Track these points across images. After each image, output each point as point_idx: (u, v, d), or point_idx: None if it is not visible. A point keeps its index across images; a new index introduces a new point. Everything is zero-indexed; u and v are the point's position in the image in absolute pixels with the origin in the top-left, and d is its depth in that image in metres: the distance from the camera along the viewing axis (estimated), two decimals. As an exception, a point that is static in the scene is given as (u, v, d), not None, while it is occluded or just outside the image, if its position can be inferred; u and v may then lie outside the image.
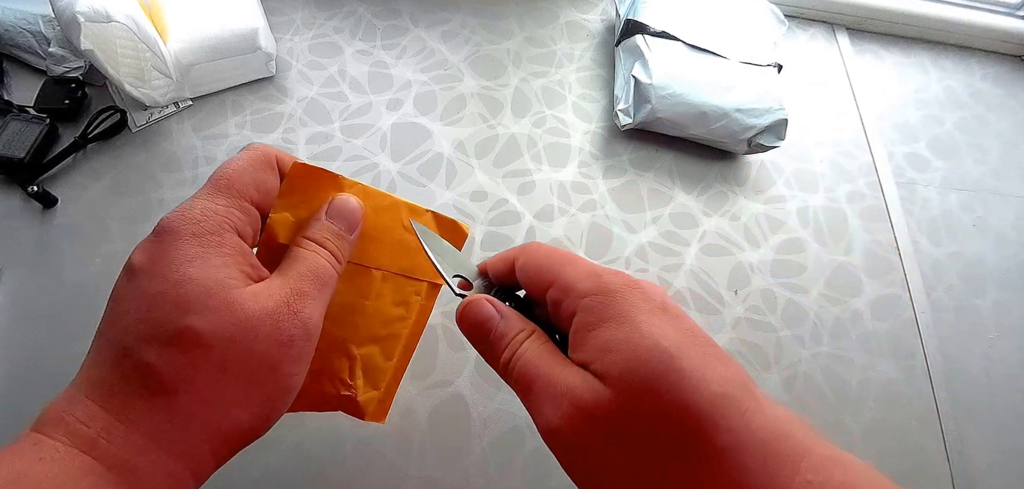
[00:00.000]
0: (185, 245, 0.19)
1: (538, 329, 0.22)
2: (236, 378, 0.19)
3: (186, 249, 0.19)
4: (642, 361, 0.17)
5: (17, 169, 0.42)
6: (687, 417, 0.17)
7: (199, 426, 0.18)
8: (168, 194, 0.44)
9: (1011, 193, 0.55)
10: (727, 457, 0.16)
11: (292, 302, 0.20)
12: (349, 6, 0.57)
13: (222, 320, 0.19)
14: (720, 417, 0.16)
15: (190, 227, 0.20)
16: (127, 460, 0.17)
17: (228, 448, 0.20)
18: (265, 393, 0.20)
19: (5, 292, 0.39)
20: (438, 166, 0.48)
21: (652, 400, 0.17)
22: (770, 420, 0.17)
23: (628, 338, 0.18)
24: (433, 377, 0.39)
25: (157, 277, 0.19)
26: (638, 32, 0.52)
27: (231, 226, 0.21)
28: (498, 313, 0.22)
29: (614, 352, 0.18)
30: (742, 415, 0.17)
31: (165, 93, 0.47)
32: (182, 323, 0.18)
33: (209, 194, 0.21)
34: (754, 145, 0.49)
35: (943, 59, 0.64)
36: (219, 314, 0.19)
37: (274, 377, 0.20)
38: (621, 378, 0.18)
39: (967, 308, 0.47)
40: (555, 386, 0.19)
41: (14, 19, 0.46)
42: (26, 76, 0.48)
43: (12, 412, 0.35)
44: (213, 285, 0.19)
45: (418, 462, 0.36)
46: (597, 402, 0.18)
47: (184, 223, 0.20)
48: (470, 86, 0.53)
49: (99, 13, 0.38)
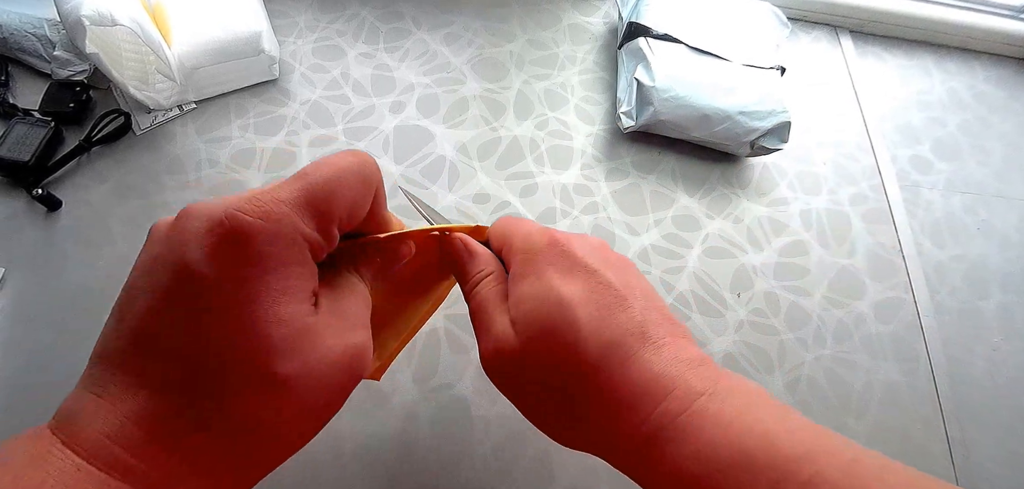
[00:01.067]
0: (272, 276, 0.17)
1: (500, 271, 0.24)
2: (304, 420, 0.18)
3: (274, 282, 0.17)
4: (544, 313, 0.20)
5: (22, 172, 0.42)
6: (577, 362, 0.19)
7: (253, 465, 0.18)
8: (172, 197, 0.44)
9: (1015, 196, 0.55)
10: (604, 397, 0.19)
11: (362, 359, 0.20)
12: (352, 9, 0.57)
13: (309, 367, 0.17)
14: (604, 363, 0.19)
15: (278, 252, 0.17)
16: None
17: (260, 476, 0.19)
18: (312, 432, 0.19)
19: (9, 294, 0.39)
20: (441, 168, 0.48)
21: (548, 345, 0.20)
22: (650, 364, 0.19)
23: (536, 292, 0.21)
24: (435, 380, 0.39)
25: (242, 305, 0.16)
26: (640, 35, 0.52)
27: (315, 257, 0.18)
28: (469, 250, 0.25)
29: (524, 303, 0.21)
30: (624, 361, 0.19)
31: (169, 96, 0.47)
32: (270, 368, 0.16)
33: (299, 206, 0.17)
34: (757, 148, 0.49)
35: (946, 61, 0.64)
36: (306, 360, 0.17)
37: (325, 417, 0.19)
38: (527, 327, 0.20)
39: (971, 311, 0.47)
40: (490, 326, 0.22)
41: (19, 23, 0.46)
42: (31, 79, 0.48)
43: (16, 413, 0.35)
44: (301, 329, 0.17)
45: (420, 465, 0.36)
46: (510, 347, 0.21)
47: (271, 244, 0.17)
48: (473, 89, 0.53)
49: (104, 16, 0.38)
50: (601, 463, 0.37)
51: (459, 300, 0.42)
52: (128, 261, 0.19)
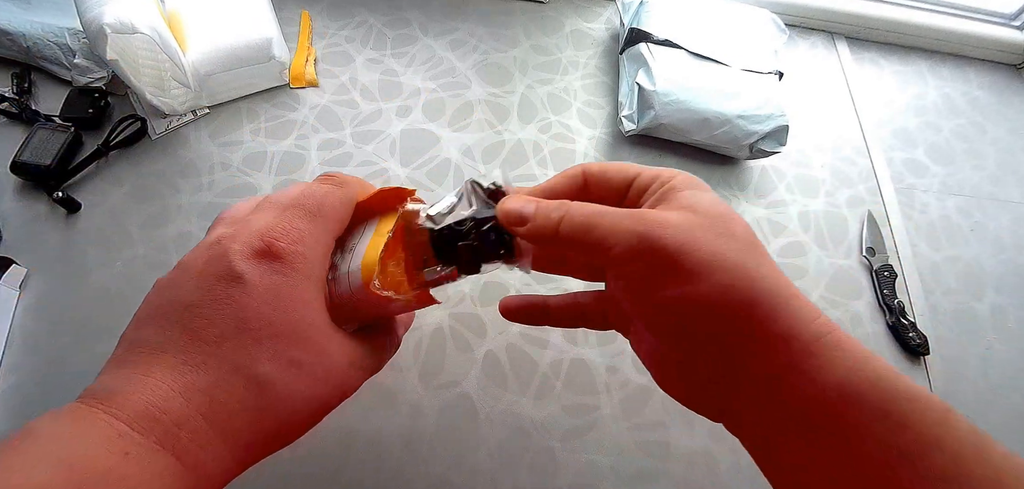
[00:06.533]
0: (302, 286, 0.20)
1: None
2: (307, 411, 0.21)
3: (303, 290, 0.20)
4: (720, 214, 0.20)
5: (43, 176, 0.43)
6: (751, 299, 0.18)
7: (264, 441, 0.20)
8: (186, 199, 0.46)
9: (1008, 198, 0.56)
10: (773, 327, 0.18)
11: (359, 376, 0.23)
12: (360, 16, 0.58)
13: (320, 362, 0.21)
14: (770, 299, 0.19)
15: (304, 267, 0.21)
16: (205, 467, 0.18)
17: (261, 458, 0.21)
18: (307, 427, 0.22)
19: (31, 294, 0.40)
20: (446, 171, 0.49)
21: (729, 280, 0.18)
22: (801, 301, 0.19)
23: (710, 206, 0.20)
24: (441, 377, 0.40)
25: (280, 309, 0.19)
26: (642, 40, 0.53)
27: (329, 267, 0.22)
28: (529, 200, 0.23)
29: (698, 204, 0.20)
30: (789, 297, 0.19)
31: (183, 102, 0.48)
32: (295, 353, 0.20)
33: (314, 230, 0.21)
34: (756, 151, 0.50)
35: (941, 67, 0.65)
36: (319, 357, 0.21)
37: (317, 418, 0.22)
38: (709, 210, 0.20)
39: (965, 311, 0.48)
40: (621, 220, 0.20)
41: (41, 32, 0.48)
42: (52, 86, 0.49)
43: (39, 410, 0.36)
44: (317, 332, 0.21)
45: (426, 460, 0.37)
46: (678, 222, 0.19)
47: (301, 261, 0.20)
48: (477, 93, 0.55)
49: (125, 25, 0.40)
50: (602, 459, 0.38)
51: (461, 302, 0.44)
52: (145, 261, 0.21)
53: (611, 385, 0.41)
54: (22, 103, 0.47)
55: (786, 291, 0.19)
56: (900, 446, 0.16)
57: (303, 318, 0.20)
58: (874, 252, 0.49)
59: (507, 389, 0.40)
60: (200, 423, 0.18)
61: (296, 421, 0.21)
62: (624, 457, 0.38)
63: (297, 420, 0.21)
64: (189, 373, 0.18)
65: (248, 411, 0.19)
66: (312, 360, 0.20)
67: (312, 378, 0.20)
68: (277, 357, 0.19)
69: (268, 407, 0.19)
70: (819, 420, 0.18)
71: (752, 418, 0.20)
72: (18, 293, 0.40)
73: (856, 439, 0.17)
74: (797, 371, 0.18)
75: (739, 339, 0.19)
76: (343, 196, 0.23)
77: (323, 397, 0.21)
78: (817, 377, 0.18)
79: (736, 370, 0.19)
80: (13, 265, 0.40)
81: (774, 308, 0.18)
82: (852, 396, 0.17)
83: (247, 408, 0.19)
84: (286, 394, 0.20)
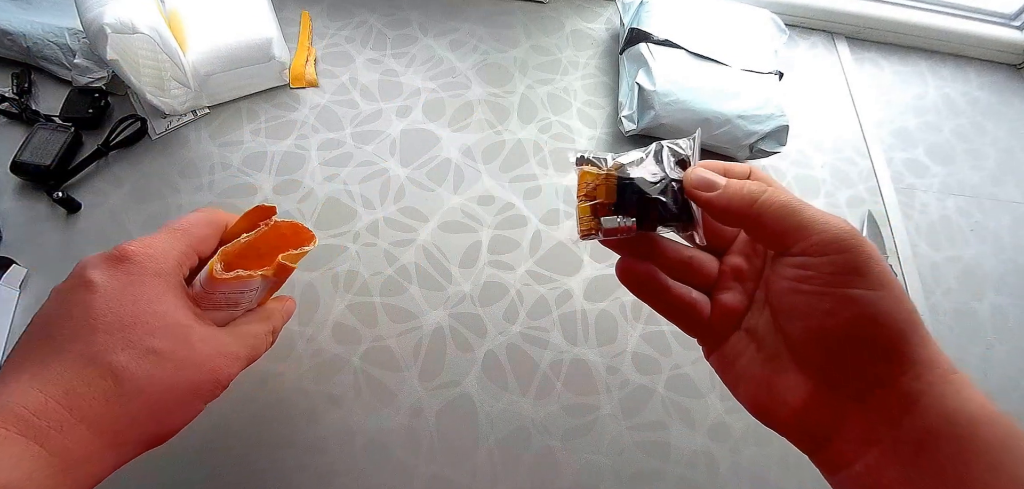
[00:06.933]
0: (150, 281, 0.23)
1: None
2: (175, 398, 0.23)
3: (152, 285, 0.23)
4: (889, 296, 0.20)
5: (44, 176, 0.43)
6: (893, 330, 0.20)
7: (137, 430, 0.22)
8: (186, 200, 0.46)
9: (1008, 198, 0.56)
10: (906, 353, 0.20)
11: (229, 363, 0.26)
12: (360, 16, 0.58)
13: (179, 350, 0.23)
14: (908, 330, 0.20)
15: (153, 265, 0.24)
16: (73, 452, 0.20)
17: (143, 449, 0.23)
18: (182, 415, 0.24)
19: (31, 295, 0.40)
20: (446, 171, 0.50)
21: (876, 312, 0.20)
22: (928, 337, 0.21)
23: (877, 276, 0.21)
24: (441, 377, 0.40)
25: (127, 303, 0.22)
26: (642, 40, 0.53)
27: (185, 271, 0.25)
28: (715, 171, 0.24)
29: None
30: (917, 331, 0.20)
31: (184, 102, 0.48)
32: (151, 342, 0.22)
33: (168, 238, 0.25)
34: (756, 151, 0.50)
35: (940, 67, 0.65)
36: (178, 344, 0.23)
37: (192, 406, 0.24)
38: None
39: (965, 312, 0.48)
40: (823, 213, 0.21)
41: (42, 32, 0.48)
42: (52, 86, 0.49)
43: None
44: (173, 322, 0.23)
45: (427, 460, 0.37)
46: (854, 233, 0.20)
47: (149, 260, 0.24)
48: (477, 93, 0.55)
49: (125, 24, 0.40)
50: (602, 459, 0.38)
51: (461, 302, 0.44)
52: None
53: (611, 385, 0.41)
54: (22, 103, 0.47)
55: (925, 327, 0.21)
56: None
57: (155, 310, 0.23)
58: (874, 252, 0.49)
59: (507, 389, 0.40)
60: (61, 413, 0.20)
61: (164, 407, 0.23)
62: (624, 457, 0.38)
63: (166, 407, 0.23)
64: (46, 371, 0.20)
65: (109, 399, 0.21)
66: (171, 347, 0.23)
67: (174, 364, 0.23)
68: (131, 346, 0.22)
69: (130, 394, 0.21)
70: (950, 437, 0.19)
71: (872, 436, 0.20)
72: (18, 293, 0.40)
73: (992, 456, 0.18)
74: (935, 392, 0.19)
75: (891, 352, 0.20)
76: (205, 216, 0.27)
77: (192, 383, 0.23)
78: (953, 401, 0.19)
79: (879, 380, 0.20)
80: (13, 265, 0.40)
81: (923, 336, 0.20)
82: (988, 419, 0.18)
83: (108, 396, 0.21)
84: (147, 381, 0.22)
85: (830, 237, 0.20)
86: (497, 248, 0.46)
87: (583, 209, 0.23)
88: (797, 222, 0.21)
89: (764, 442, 0.39)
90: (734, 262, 0.26)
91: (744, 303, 0.25)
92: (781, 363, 0.22)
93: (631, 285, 0.25)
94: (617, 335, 0.43)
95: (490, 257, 0.45)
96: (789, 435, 0.22)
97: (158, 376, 0.22)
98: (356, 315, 0.41)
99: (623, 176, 0.23)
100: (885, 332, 0.20)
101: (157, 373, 0.22)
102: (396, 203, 0.47)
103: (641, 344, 0.42)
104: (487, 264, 0.45)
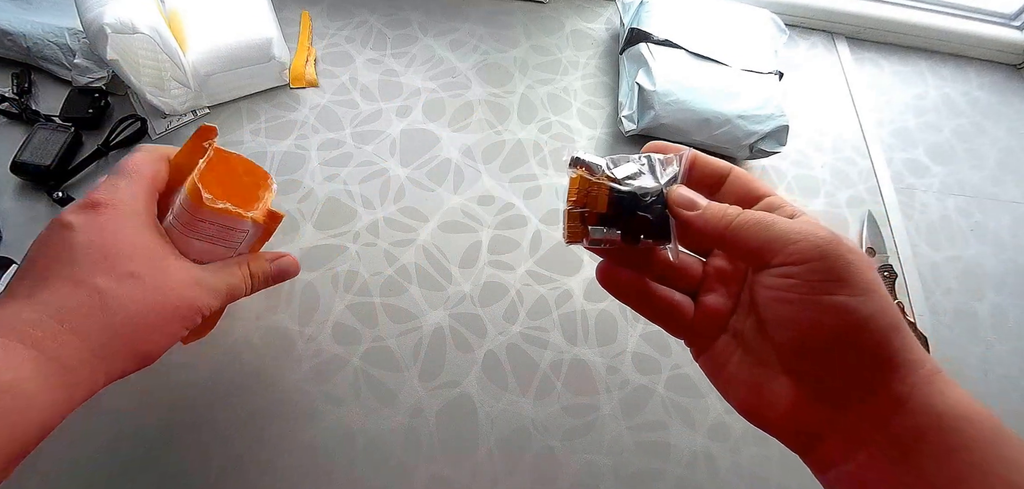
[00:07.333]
0: (124, 219, 0.26)
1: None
2: (156, 318, 0.26)
3: (128, 222, 0.26)
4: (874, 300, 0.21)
5: (44, 176, 0.43)
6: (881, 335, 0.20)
7: (121, 344, 0.24)
8: (186, 199, 0.46)
9: (1008, 198, 0.56)
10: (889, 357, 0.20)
11: (205, 293, 0.28)
12: (360, 16, 0.58)
13: (158, 274, 0.26)
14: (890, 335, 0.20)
15: (124, 206, 0.26)
16: (65, 359, 0.22)
17: (132, 366, 0.26)
18: (161, 336, 0.26)
19: (31, 293, 0.40)
20: (446, 171, 0.50)
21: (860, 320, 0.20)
22: (912, 340, 0.21)
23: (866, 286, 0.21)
24: (441, 378, 0.40)
25: (107, 236, 0.25)
26: (642, 40, 0.53)
27: (152, 204, 0.28)
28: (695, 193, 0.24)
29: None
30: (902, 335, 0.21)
31: (184, 102, 0.48)
32: (129, 267, 0.25)
33: (128, 181, 0.27)
34: (756, 151, 0.50)
35: (941, 67, 0.65)
36: (156, 269, 0.26)
37: (171, 327, 0.26)
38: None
39: (965, 311, 0.48)
40: (798, 224, 0.21)
41: (42, 32, 0.48)
42: (52, 86, 0.49)
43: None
44: (150, 253, 0.26)
45: (426, 460, 0.37)
46: (837, 238, 0.21)
47: (120, 202, 0.26)
48: (477, 93, 0.55)
49: (125, 24, 0.40)
50: (602, 459, 0.38)
51: (461, 302, 0.44)
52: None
53: (611, 385, 0.41)
54: (22, 103, 0.47)
55: (908, 328, 0.21)
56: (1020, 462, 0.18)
57: (132, 241, 0.25)
58: (874, 252, 0.49)
59: (507, 389, 0.40)
60: (53, 325, 0.23)
61: (145, 326, 0.25)
62: (624, 457, 0.38)
63: (146, 324, 0.25)
64: (36, 295, 0.23)
65: (95, 313, 0.23)
66: (149, 271, 0.25)
67: (152, 286, 0.25)
68: (112, 271, 0.24)
69: (112, 309, 0.24)
70: (938, 435, 0.19)
71: (861, 437, 0.20)
72: (18, 293, 0.40)
73: (978, 452, 0.19)
74: (921, 392, 0.20)
75: (877, 357, 0.20)
76: (152, 155, 0.29)
77: (170, 305, 0.26)
78: (938, 400, 0.19)
79: (867, 384, 0.20)
80: (13, 265, 0.40)
81: (907, 338, 0.20)
82: (973, 416, 0.19)
83: (94, 311, 0.23)
84: (129, 300, 0.24)
85: (808, 245, 0.20)
86: (497, 248, 0.46)
87: (572, 216, 0.24)
88: (772, 235, 0.21)
89: (764, 442, 0.39)
90: (718, 264, 0.26)
91: (729, 305, 0.25)
92: (769, 368, 0.22)
93: (611, 288, 0.26)
94: (617, 335, 0.43)
95: (490, 257, 0.45)
96: (779, 436, 0.23)
97: (139, 296, 0.25)
98: (356, 315, 0.41)
99: (616, 190, 0.23)
100: (872, 337, 0.20)
101: (136, 293, 0.25)
102: (396, 203, 0.47)
103: (641, 344, 0.42)
104: (487, 264, 0.45)
